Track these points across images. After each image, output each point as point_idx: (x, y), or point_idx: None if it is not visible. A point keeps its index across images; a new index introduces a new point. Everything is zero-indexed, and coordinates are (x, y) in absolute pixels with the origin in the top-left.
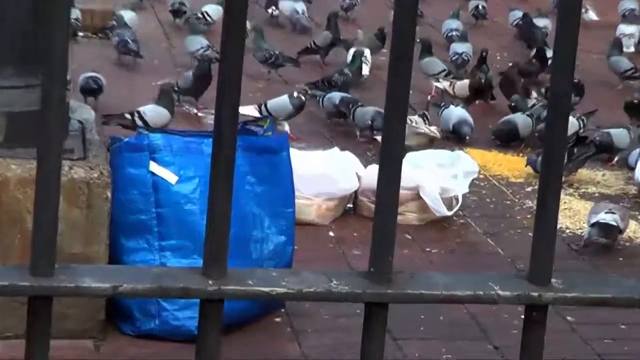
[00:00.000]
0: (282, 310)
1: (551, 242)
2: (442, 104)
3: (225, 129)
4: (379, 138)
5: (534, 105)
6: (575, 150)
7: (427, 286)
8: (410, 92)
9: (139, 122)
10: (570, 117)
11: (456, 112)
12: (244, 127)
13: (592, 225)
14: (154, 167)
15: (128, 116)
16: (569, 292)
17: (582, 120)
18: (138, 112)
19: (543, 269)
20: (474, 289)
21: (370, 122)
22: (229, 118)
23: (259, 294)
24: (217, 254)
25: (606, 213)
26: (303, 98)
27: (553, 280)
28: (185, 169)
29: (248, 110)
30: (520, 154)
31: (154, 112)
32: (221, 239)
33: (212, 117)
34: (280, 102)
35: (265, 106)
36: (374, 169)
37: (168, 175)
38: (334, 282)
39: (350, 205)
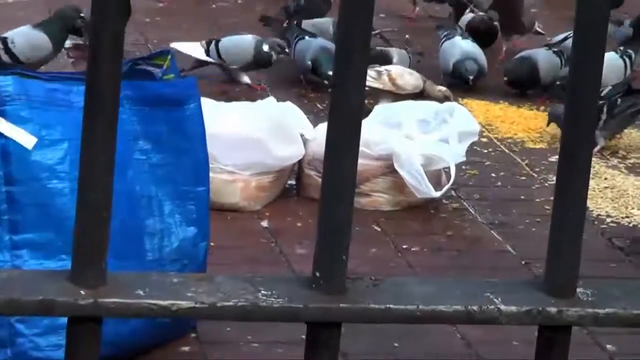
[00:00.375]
0: (193, 335)
1: (577, 236)
2: (445, 33)
3: (103, 69)
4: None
5: (565, 38)
6: (620, 101)
7: (398, 298)
8: (382, 15)
9: (3, 57)
10: (611, 54)
11: (463, 46)
12: (133, 67)
13: None
14: (2, 125)
15: None
16: (602, 307)
17: (629, 56)
18: (3, 41)
19: (565, 275)
20: (466, 302)
21: (310, 64)
22: (109, 52)
23: (154, 310)
24: (91, 253)
25: None
26: (274, 55)
27: (579, 290)
28: (48, 128)
29: (190, 49)
30: (542, 108)
31: (27, 39)
32: (98, 230)
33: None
34: (241, 43)
35: (217, 45)
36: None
37: (23, 137)
38: (263, 292)
39: (292, 182)
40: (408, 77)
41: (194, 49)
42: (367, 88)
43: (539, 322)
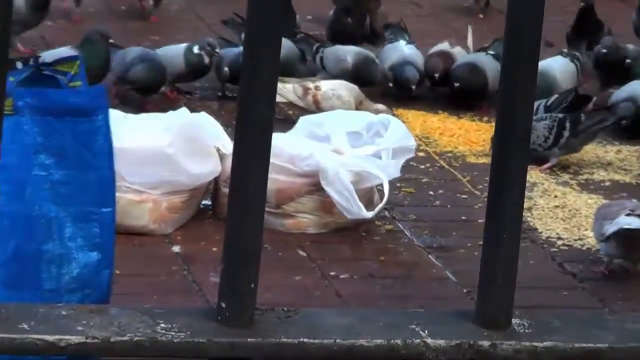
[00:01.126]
0: None
1: (512, 261)
2: (390, 36)
3: None
4: None
5: (495, 41)
6: (584, 117)
7: (313, 331)
8: (309, 17)
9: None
10: (559, 58)
11: (403, 50)
12: (36, 73)
13: (608, 237)
14: None
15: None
16: (540, 339)
17: (578, 58)
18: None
19: (499, 304)
20: (389, 335)
21: (227, 70)
22: None
23: (40, 346)
24: None
25: (628, 215)
26: (205, 56)
27: (515, 321)
28: None
29: None
30: (485, 119)
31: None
32: None
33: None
34: (170, 54)
35: None
36: None
37: None
38: (162, 325)
39: (208, 202)
40: (335, 101)
41: None
42: (286, 100)
43: (470, 356)
